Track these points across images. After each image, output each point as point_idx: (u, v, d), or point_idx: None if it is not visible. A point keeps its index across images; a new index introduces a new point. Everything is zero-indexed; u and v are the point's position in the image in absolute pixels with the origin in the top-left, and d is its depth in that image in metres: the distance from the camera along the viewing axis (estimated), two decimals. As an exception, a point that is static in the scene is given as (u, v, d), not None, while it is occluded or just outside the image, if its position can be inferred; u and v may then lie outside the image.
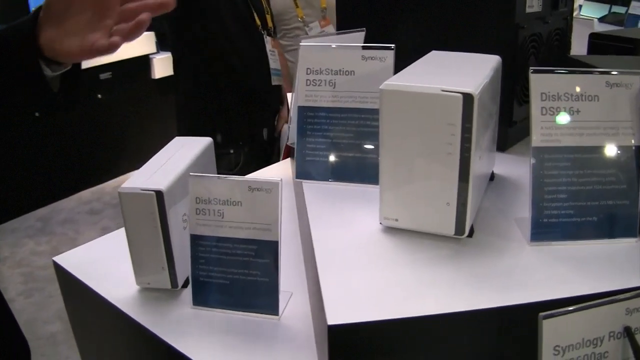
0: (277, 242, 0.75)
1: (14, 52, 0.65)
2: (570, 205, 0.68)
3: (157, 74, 3.88)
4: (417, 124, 0.65)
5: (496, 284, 0.61)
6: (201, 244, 0.78)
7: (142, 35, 0.65)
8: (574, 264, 0.65)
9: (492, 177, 0.87)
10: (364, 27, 0.97)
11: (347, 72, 0.82)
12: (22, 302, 2.50)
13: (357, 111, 0.83)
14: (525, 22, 0.93)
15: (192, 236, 0.78)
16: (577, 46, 1.22)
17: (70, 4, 0.64)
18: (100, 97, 3.59)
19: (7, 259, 2.87)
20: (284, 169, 1.35)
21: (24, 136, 3.12)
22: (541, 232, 0.68)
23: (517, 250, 0.68)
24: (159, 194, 0.77)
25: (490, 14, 0.93)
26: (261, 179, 0.74)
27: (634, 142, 0.68)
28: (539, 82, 0.66)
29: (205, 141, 0.96)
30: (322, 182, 0.86)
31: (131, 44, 0.65)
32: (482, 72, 0.70)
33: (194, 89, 1.92)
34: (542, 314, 0.48)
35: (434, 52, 0.83)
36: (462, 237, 0.68)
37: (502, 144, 0.96)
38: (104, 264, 0.93)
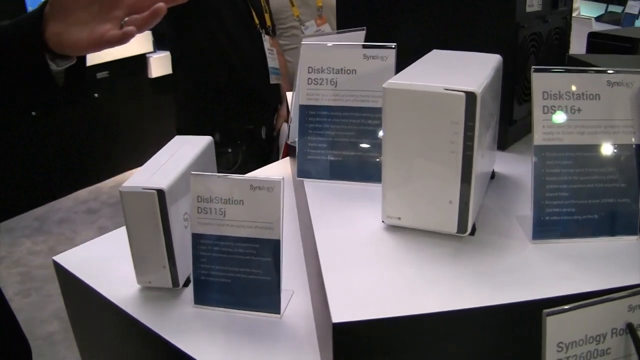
0: (279, 240, 0.75)
1: (19, 46, 0.65)
2: (571, 203, 0.68)
3: (154, 73, 3.87)
4: (420, 122, 0.65)
5: (499, 281, 0.62)
6: (203, 243, 0.78)
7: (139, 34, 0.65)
8: (576, 262, 0.65)
9: (493, 175, 0.87)
10: (364, 27, 0.97)
11: (348, 71, 0.82)
12: (19, 301, 2.49)
13: (359, 110, 0.83)
14: (525, 21, 0.93)
15: (193, 235, 0.78)
16: (575, 45, 1.23)
17: None
18: (97, 96, 3.58)
19: (4, 258, 2.86)
20: (283, 168, 1.35)
21: (21, 136, 3.11)
22: (543, 230, 0.68)
23: (519, 248, 0.68)
24: (161, 193, 0.77)
25: (490, 14, 0.94)
26: (263, 177, 0.74)
27: (634, 140, 0.68)
28: (541, 81, 0.66)
29: (205, 140, 0.96)
30: (323, 180, 0.86)
31: (128, 43, 0.65)
32: (483, 71, 0.71)
33: (193, 88, 1.92)
34: (545, 310, 0.49)
35: (435, 51, 0.83)
36: (464, 235, 0.68)
37: (502, 142, 0.96)
38: (104, 263, 0.93)
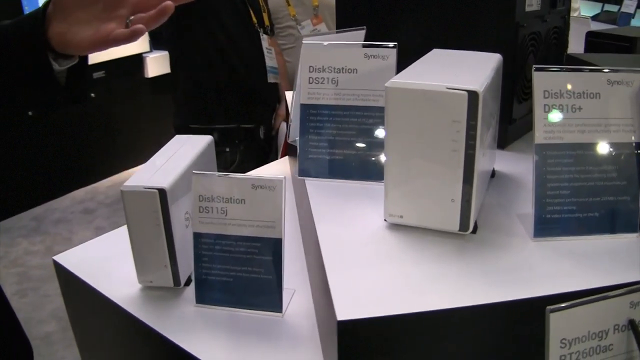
0: (281, 239, 0.75)
1: (22, 45, 0.65)
2: (572, 201, 0.69)
3: (150, 73, 3.86)
4: (422, 121, 0.65)
5: (502, 279, 0.62)
6: (204, 242, 0.78)
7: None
8: (577, 259, 0.66)
9: (493, 174, 0.88)
10: (364, 26, 0.98)
11: (349, 70, 0.83)
12: (16, 301, 2.49)
13: (360, 109, 0.83)
14: (524, 20, 0.94)
15: (195, 234, 0.78)
16: (573, 45, 1.24)
17: None
18: (93, 96, 3.57)
19: (1, 258, 2.85)
20: (282, 167, 1.35)
21: (18, 136, 3.10)
22: (544, 228, 0.69)
23: (520, 245, 0.69)
24: (162, 192, 0.78)
25: (490, 13, 0.94)
26: (265, 176, 0.74)
27: (634, 139, 0.69)
28: (542, 80, 0.67)
29: (206, 139, 0.96)
30: (324, 179, 0.87)
31: (125, 43, 0.65)
32: (484, 70, 0.71)
33: (193, 87, 1.92)
34: (549, 307, 0.49)
35: (435, 51, 0.84)
36: (466, 233, 0.69)
37: (502, 141, 0.96)
38: (104, 263, 0.93)
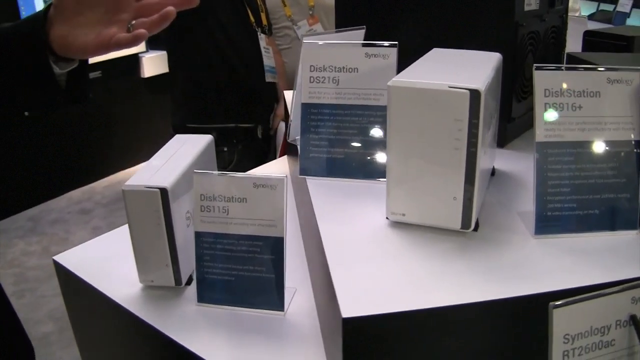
0: (282, 238, 0.75)
1: (23, 47, 0.65)
2: (572, 199, 0.69)
3: (146, 73, 3.86)
4: (424, 119, 0.66)
5: (505, 276, 0.62)
6: (206, 241, 0.78)
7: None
8: (578, 256, 0.66)
9: (493, 172, 0.88)
10: (363, 25, 0.98)
11: (350, 69, 0.83)
12: (13, 302, 2.44)
13: (361, 108, 0.84)
14: (523, 20, 0.94)
15: (196, 233, 0.78)
16: (570, 44, 1.24)
17: (82, 0, 0.64)
18: (92, 96, 3.56)
19: (-3, 259, 2.85)
20: (281, 167, 1.35)
21: (14, 136, 3.10)
22: (545, 226, 0.69)
23: (522, 243, 0.69)
24: (164, 191, 0.78)
25: (490, 13, 0.94)
26: (266, 175, 0.74)
27: (633, 137, 0.69)
28: (542, 78, 0.67)
29: (206, 138, 0.96)
30: (325, 178, 0.87)
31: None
32: (485, 69, 0.72)
33: (192, 87, 1.93)
34: (552, 303, 0.50)
35: (436, 50, 0.84)
36: (468, 231, 0.69)
37: (501, 140, 0.97)
38: (105, 263, 0.93)
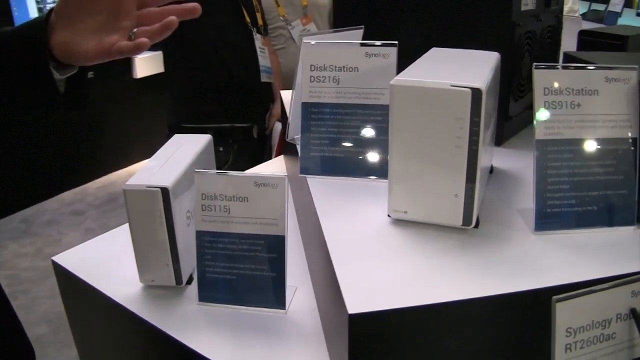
0: (284, 236, 0.76)
1: (24, 53, 0.65)
2: (571, 195, 0.70)
3: (139, 74, 3.84)
4: (426, 118, 0.66)
5: (507, 271, 0.63)
6: (207, 240, 0.79)
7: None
8: (578, 251, 0.67)
9: (491, 170, 0.89)
10: (362, 25, 0.98)
11: (350, 69, 0.83)
12: (7, 304, 2.46)
13: (361, 107, 0.84)
14: (520, 19, 0.95)
15: (197, 232, 0.79)
16: (565, 43, 1.26)
17: (83, 6, 0.64)
18: (88, 101, 3.54)
19: (-10, 261, 2.83)
20: (278, 166, 1.36)
21: (5, 138, 3.07)
22: (545, 222, 0.70)
23: (522, 239, 0.70)
24: (165, 191, 0.78)
25: (488, 13, 0.95)
26: (267, 174, 0.75)
27: (630, 134, 0.71)
28: (542, 77, 0.68)
29: (205, 138, 0.97)
30: (325, 177, 0.88)
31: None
32: (485, 68, 0.72)
33: (187, 88, 1.93)
34: (555, 297, 0.51)
35: (435, 49, 0.85)
36: (469, 227, 0.70)
37: (498, 138, 0.98)
38: (104, 263, 0.93)
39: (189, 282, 0.86)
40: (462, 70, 0.72)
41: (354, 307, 0.56)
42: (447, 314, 0.59)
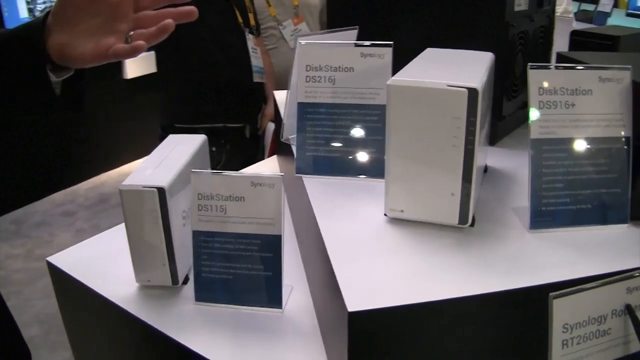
0: (280, 236, 0.76)
1: (21, 55, 0.65)
2: (566, 194, 0.71)
3: (129, 74, 3.82)
4: (423, 118, 0.67)
5: (504, 269, 0.64)
6: (204, 240, 0.79)
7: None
8: (573, 249, 0.68)
9: (485, 169, 0.90)
10: (356, 26, 0.99)
11: (346, 69, 0.84)
12: (-2, 306, 2.44)
13: (356, 107, 0.85)
14: (514, 20, 0.96)
15: (194, 232, 0.79)
16: (557, 43, 1.27)
17: (80, 9, 0.64)
18: (85, 104, 3.52)
19: (-19, 263, 2.80)
20: (271, 166, 1.36)
21: (-3, 140, 3.05)
22: (540, 220, 0.71)
23: (518, 237, 0.71)
24: (161, 191, 0.78)
25: (482, 13, 0.96)
26: (264, 174, 0.75)
27: (623, 133, 0.72)
28: (537, 77, 0.69)
29: (200, 138, 0.97)
30: (321, 176, 0.88)
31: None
32: (480, 68, 0.73)
33: (180, 88, 1.92)
34: (552, 294, 0.51)
35: (430, 50, 0.86)
36: (465, 226, 0.71)
37: (492, 137, 0.99)
38: (99, 264, 0.93)
39: (185, 282, 0.86)
40: (458, 70, 0.73)
41: (353, 305, 0.57)
42: (446, 311, 0.59)
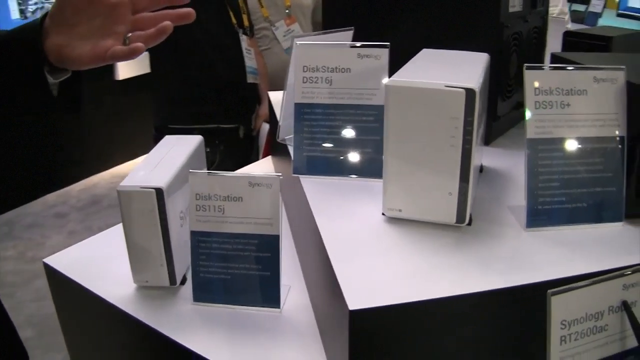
0: (278, 236, 0.76)
1: (18, 57, 0.65)
2: (562, 192, 0.72)
3: (121, 75, 3.81)
4: (421, 118, 0.67)
5: (502, 267, 0.65)
6: (202, 240, 0.79)
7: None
8: (569, 247, 0.69)
9: (481, 169, 0.91)
10: (353, 26, 0.99)
11: (343, 70, 0.84)
12: (-10, 308, 2.42)
13: (353, 107, 0.85)
14: (508, 21, 0.97)
15: (192, 232, 0.79)
16: (550, 43, 1.28)
17: (78, 10, 0.64)
18: (83, 106, 3.50)
19: (-28, 265, 2.78)
20: (266, 167, 1.36)
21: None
22: (536, 219, 0.72)
23: (514, 236, 0.72)
24: (159, 191, 0.78)
25: (477, 15, 0.97)
26: (262, 174, 0.76)
27: (618, 132, 0.72)
28: (533, 77, 0.70)
29: (196, 139, 0.97)
30: (318, 176, 0.88)
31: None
32: (477, 68, 0.74)
33: (174, 89, 1.92)
34: (550, 291, 0.52)
35: (426, 50, 0.86)
36: (462, 225, 0.71)
37: (487, 137, 1.00)
38: (96, 264, 0.93)
39: (183, 282, 0.86)
40: (455, 71, 0.73)
41: (354, 303, 0.57)
42: (445, 309, 0.60)
